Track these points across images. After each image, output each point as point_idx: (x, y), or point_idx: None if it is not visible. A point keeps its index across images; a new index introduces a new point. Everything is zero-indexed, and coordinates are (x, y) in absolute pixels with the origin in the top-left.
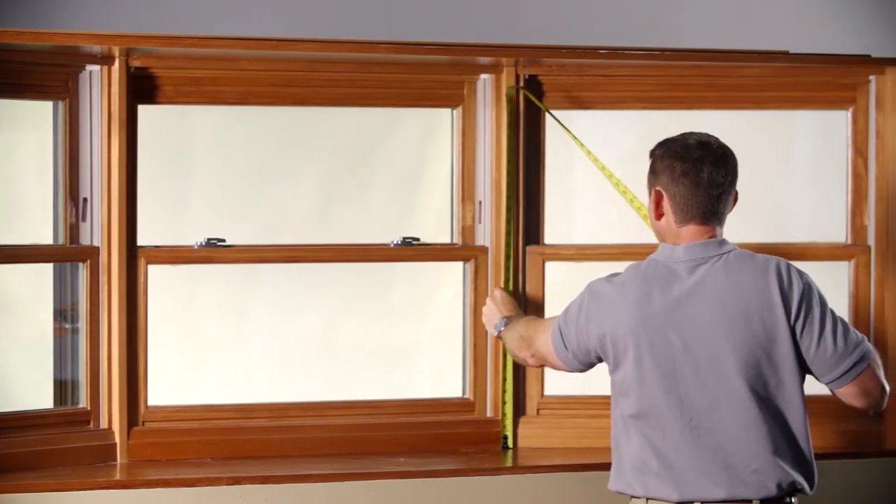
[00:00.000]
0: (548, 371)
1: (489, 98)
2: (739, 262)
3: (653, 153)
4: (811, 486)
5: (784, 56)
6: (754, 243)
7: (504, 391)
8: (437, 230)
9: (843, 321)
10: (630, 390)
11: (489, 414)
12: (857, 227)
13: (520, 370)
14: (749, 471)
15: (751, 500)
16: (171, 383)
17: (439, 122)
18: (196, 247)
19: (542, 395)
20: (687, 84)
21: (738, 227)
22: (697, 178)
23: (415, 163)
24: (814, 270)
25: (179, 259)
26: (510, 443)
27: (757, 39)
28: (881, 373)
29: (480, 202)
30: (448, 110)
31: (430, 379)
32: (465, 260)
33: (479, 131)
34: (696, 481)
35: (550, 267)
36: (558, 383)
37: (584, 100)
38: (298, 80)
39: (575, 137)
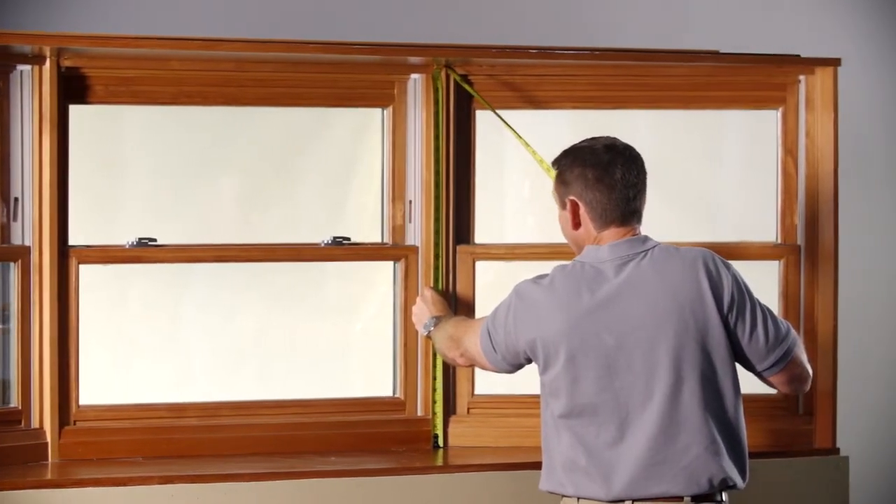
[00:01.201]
0: (478, 370)
1: (419, 98)
2: (666, 256)
3: (558, 162)
4: (743, 478)
5: (714, 56)
6: (685, 242)
7: (434, 390)
8: (368, 230)
9: (769, 309)
10: (561, 390)
11: (420, 413)
12: (786, 227)
13: (450, 369)
14: (680, 467)
15: (682, 497)
16: (102, 382)
17: (369, 122)
18: (127, 246)
19: (473, 394)
20: (617, 84)
21: (669, 226)
22: (612, 182)
23: (345, 162)
24: (744, 270)
25: (110, 259)
26: (441, 441)
27: (687, 39)
28: (805, 357)
29: (411, 202)
30: (378, 110)
31: (361, 378)
32: (396, 259)
33: (410, 131)
34: (628, 479)
35: (481, 266)
36: (489, 382)
37: (515, 99)
38: (229, 80)
39: (509, 126)
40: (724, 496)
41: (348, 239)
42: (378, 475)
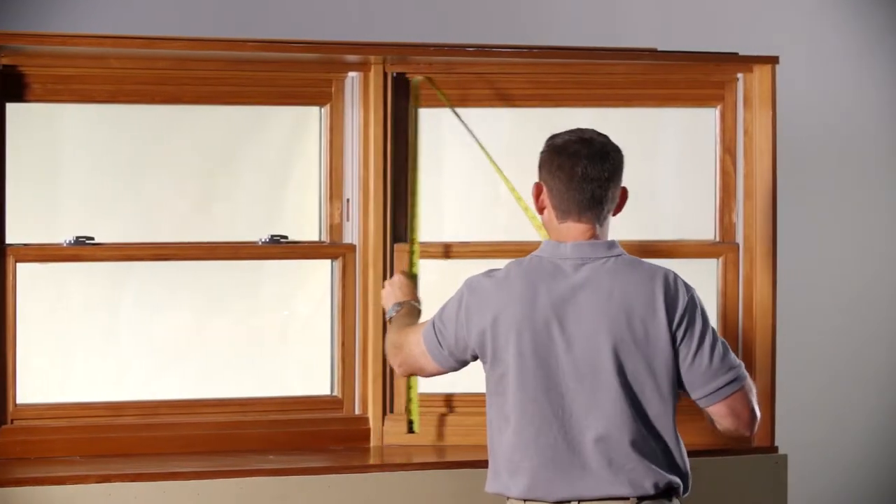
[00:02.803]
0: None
1: (357, 96)
2: (628, 266)
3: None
4: (685, 489)
5: (652, 54)
6: (623, 241)
7: (410, 388)
8: (306, 228)
9: (723, 342)
10: (507, 387)
11: (357, 411)
12: (725, 225)
13: (387, 367)
14: (626, 469)
15: (628, 498)
16: (40, 381)
17: (307, 120)
18: (65, 245)
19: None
20: (555, 82)
21: (613, 224)
22: (571, 173)
23: (283, 161)
24: (682, 268)
25: (48, 257)
26: (416, 427)
27: (625, 37)
28: (753, 400)
29: (348, 200)
30: (316, 108)
31: (299, 377)
32: (333, 258)
33: (347, 129)
34: (574, 479)
35: (419, 264)
36: (426, 381)
37: (453, 97)
38: (167, 78)
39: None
40: (676, 501)
41: (286, 237)
42: (316, 474)
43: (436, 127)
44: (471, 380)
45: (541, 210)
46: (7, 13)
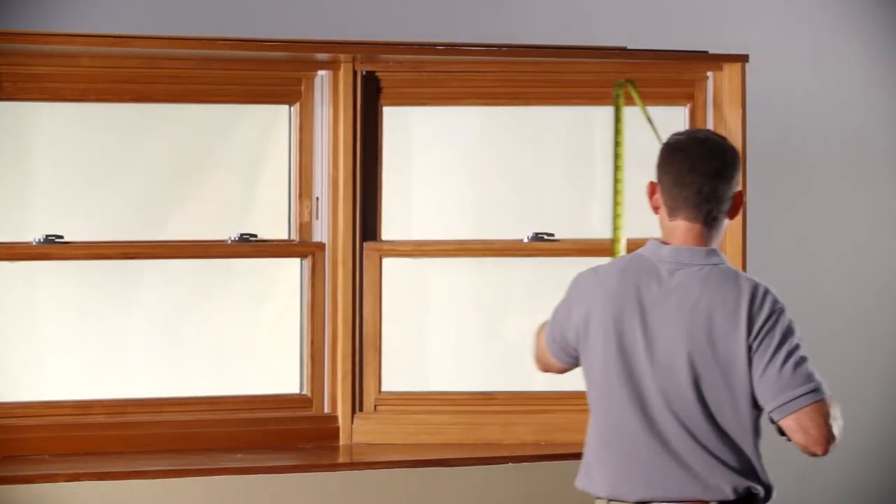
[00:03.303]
0: (385, 367)
1: (327, 94)
2: (720, 277)
3: None
4: (768, 496)
5: (622, 52)
6: (594, 239)
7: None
8: (276, 227)
9: (802, 357)
10: (593, 383)
11: (326, 410)
12: None
13: (357, 366)
14: (705, 473)
15: (708, 502)
16: (9, 380)
17: (277, 119)
18: (35, 243)
19: (380, 391)
20: (525, 80)
21: (582, 221)
22: (680, 168)
23: (253, 159)
24: None
25: (17, 256)
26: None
27: (596, 36)
28: (829, 418)
29: (318, 198)
30: (286, 107)
31: (269, 375)
32: (303, 256)
33: (317, 128)
34: (652, 480)
35: (388, 263)
36: (396, 379)
37: (423, 96)
38: (138, 76)
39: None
40: None
41: (255, 236)
42: (285, 472)
43: (404, 125)
44: (438, 379)
45: (655, 209)
46: None
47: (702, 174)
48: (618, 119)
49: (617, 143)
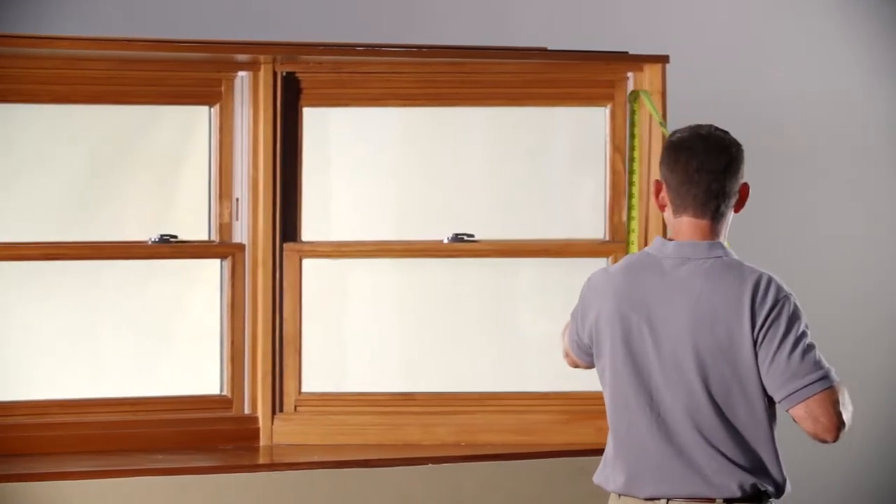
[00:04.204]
0: (305, 368)
1: (247, 95)
2: (723, 269)
3: None
4: (779, 492)
5: (542, 53)
6: (514, 240)
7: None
8: (196, 227)
9: (809, 344)
10: (606, 381)
11: (247, 411)
12: (615, 224)
13: (277, 366)
14: (712, 470)
15: (714, 500)
16: None
17: (198, 120)
18: None
19: (300, 391)
20: (444, 81)
21: (500, 223)
22: (687, 166)
23: (173, 160)
24: (573, 267)
25: None
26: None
27: (516, 36)
28: (839, 405)
29: (238, 199)
30: (206, 108)
31: (189, 376)
32: (223, 257)
33: (237, 129)
34: (661, 477)
35: (308, 264)
36: (316, 380)
37: (343, 97)
38: (57, 77)
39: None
40: (773, 501)
41: (175, 237)
42: (205, 473)
43: (323, 126)
44: (358, 380)
45: (661, 207)
46: None
47: (710, 172)
48: (633, 123)
49: (632, 148)
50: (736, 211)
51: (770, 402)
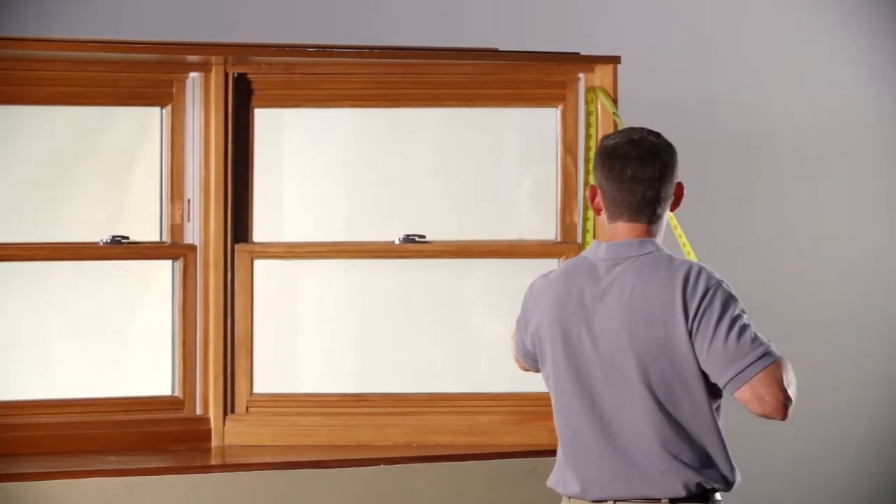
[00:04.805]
0: (257, 369)
1: (198, 96)
2: (653, 265)
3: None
4: (727, 485)
5: (493, 53)
6: (465, 241)
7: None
8: (147, 229)
9: (743, 325)
10: (551, 388)
11: (198, 412)
12: (566, 225)
13: (228, 367)
14: (657, 471)
15: (659, 500)
16: None
17: (149, 121)
18: None
19: (252, 392)
20: (396, 82)
21: (451, 225)
22: (622, 175)
23: (125, 161)
24: (524, 268)
25: None
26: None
27: (466, 37)
28: (783, 382)
29: (189, 200)
30: (157, 109)
31: (141, 377)
32: (174, 258)
33: (188, 130)
34: (607, 480)
35: (259, 265)
36: (268, 381)
37: (294, 98)
38: (7, 78)
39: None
40: (718, 496)
41: (127, 238)
42: (157, 474)
43: (275, 127)
44: (310, 381)
45: (597, 212)
46: None
47: (644, 180)
48: (589, 124)
49: (588, 149)
50: (672, 210)
51: (713, 394)
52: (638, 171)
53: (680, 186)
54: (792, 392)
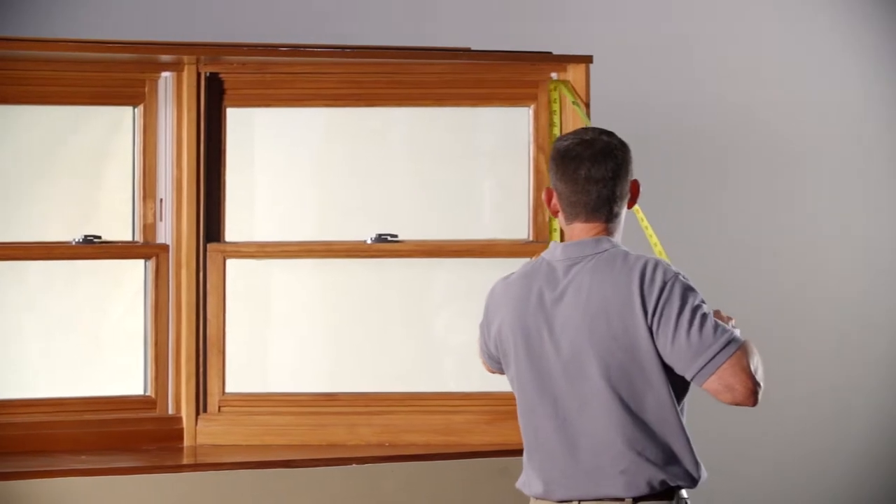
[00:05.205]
0: (229, 368)
1: (171, 96)
2: (609, 263)
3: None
4: (692, 482)
5: (466, 53)
6: (437, 240)
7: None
8: (120, 228)
9: (703, 316)
10: (515, 390)
11: (171, 411)
12: (538, 224)
13: (201, 367)
14: (620, 470)
15: (623, 499)
16: None
17: (122, 120)
18: None
19: (224, 392)
20: (368, 81)
21: (425, 224)
22: (575, 176)
23: (98, 160)
24: (496, 268)
25: None
26: None
27: (439, 37)
28: (750, 368)
29: (162, 200)
30: (130, 108)
31: (113, 377)
32: (147, 258)
33: (161, 129)
34: (571, 480)
35: (231, 264)
36: (240, 381)
37: (267, 97)
38: None
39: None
40: (684, 493)
41: (99, 237)
42: (129, 474)
43: (248, 127)
44: (282, 380)
45: (555, 214)
46: None
47: (599, 181)
48: (553, 112)
49: (552, 135)
50: (629, 207)
51: (678, 390)
52: (592, 171)
53: (636, 183)
54: (759, 376)
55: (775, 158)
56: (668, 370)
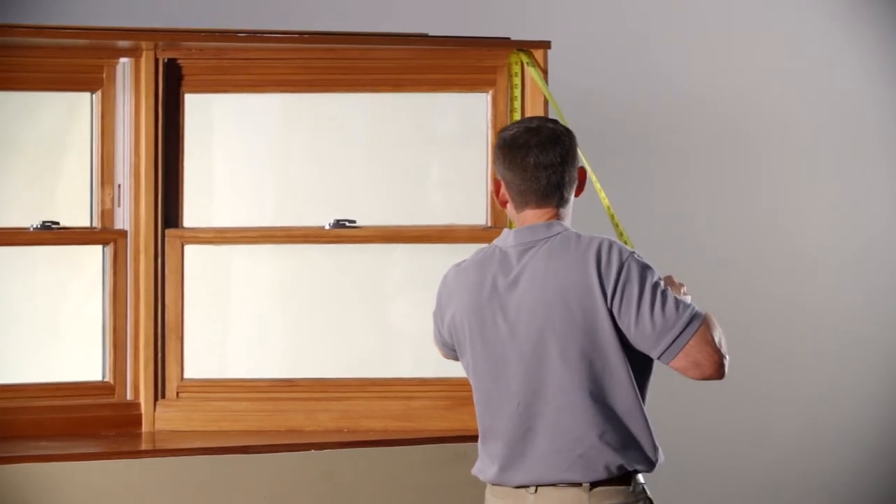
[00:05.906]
0: (187, 354)
1: (129, 82)
2: (562, 245)
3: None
4: (649, 465)
5: (423, 39)
6: (396, 226)
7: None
8: (78, 214)
9: (663, 293)
10: (470, 376)
11: (129, 397)
12: (497, 210)
13: (159, 353)
14: (576, 455)
15: (580, 483)
16: None
17: (79, 106)
18: None
19: (182, 378)
20: (325, 67)
21: (382, 210)
22: (524, 164)
23: (55, 146)
24: (453, 253)
25: None
26: None
27: (396, 22)
28: (714, 342)
29: (120, 186)
30: (88, 94)
31: (71, 362)
32: (105, 243)
33: (119, 115)
34: (529, 465)
35: (190, 250)
36: (198, 366)
37: (225, 83)
38: None
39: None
40: (640, 478)
41: (57, 223)
42: (87, 459)
43: (206, 113)
44: (241, 366)
45: (503, 204)
46: None
47: (548, 166)
48: (514, 86)
49: (513, 110)
50: (576, 195)
51: (638, 372)
52: (540, 158)
53: (582, 171)
54: (724, 349)
55: (739, 144)
56: (627, 351)
